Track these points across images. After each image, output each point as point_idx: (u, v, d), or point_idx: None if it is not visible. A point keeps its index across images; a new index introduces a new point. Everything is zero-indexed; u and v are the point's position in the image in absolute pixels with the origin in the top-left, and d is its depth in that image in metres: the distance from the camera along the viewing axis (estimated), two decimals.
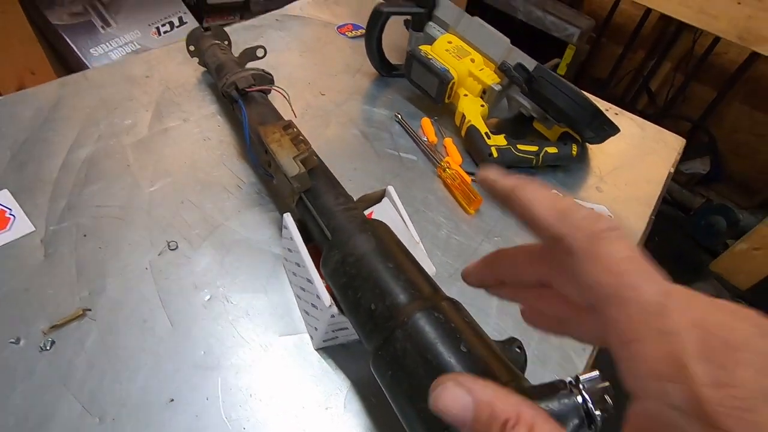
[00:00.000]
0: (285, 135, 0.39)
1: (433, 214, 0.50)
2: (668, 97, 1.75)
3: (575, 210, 0.16)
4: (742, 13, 1.06)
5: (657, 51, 1.71)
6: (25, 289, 0.37)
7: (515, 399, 0.14)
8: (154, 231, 0.43)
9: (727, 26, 1.10)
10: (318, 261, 0.36)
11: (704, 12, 1.13)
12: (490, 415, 0.14)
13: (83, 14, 1.07)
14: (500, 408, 0.14)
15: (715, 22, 1.11)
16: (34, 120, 0.53)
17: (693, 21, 1.15)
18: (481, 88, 0.59)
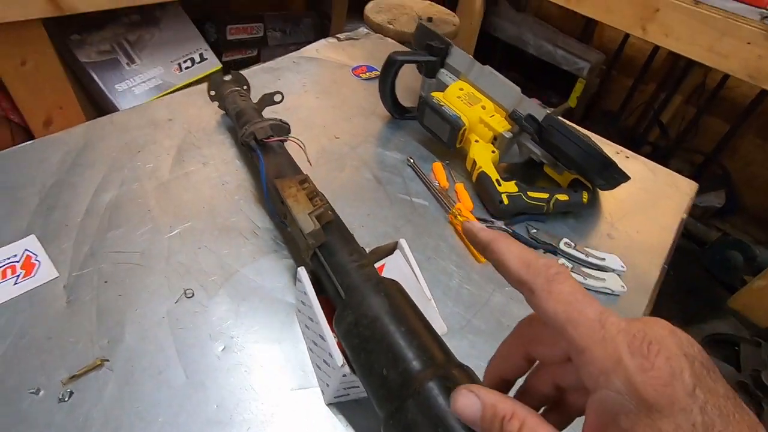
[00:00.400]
0: (301, 190, 0.40)
1: (445, 262, 0.50)
2: (680, 130, 1.75)
3: (536, 260, 0.21)
4: (753, 54, 1.07)
5: (668, 84, 1.72)
6: (47, 338, 0.38)
7: (513, 402, 0.19)
8: (171, 278, 0.44)
9: (737, 66, 1.11)
10: (330, 314, 0.37)
11: (714, 51, 1.14)
12: (493, 414, 0.19)
13: (110, 52, 1.12)
14: (500, 407, 0.19)
15: (725, 61, 1.12)
16: (62, 164, 0.55)
17: (703, 59, 1.16)
18: (492, 135, 0.60)
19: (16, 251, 0.45)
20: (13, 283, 0.42)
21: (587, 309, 0.18)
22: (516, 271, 0.21)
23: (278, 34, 1.63)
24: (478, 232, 0.24)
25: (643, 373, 0.16)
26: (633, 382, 0.16)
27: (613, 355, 0.17)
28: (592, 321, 0.18)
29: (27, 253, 0.45)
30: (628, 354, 0.16)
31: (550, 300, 0.19)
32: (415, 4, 1.24)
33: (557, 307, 0.19)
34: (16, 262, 0.44)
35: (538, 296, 0.19)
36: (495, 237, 0.22)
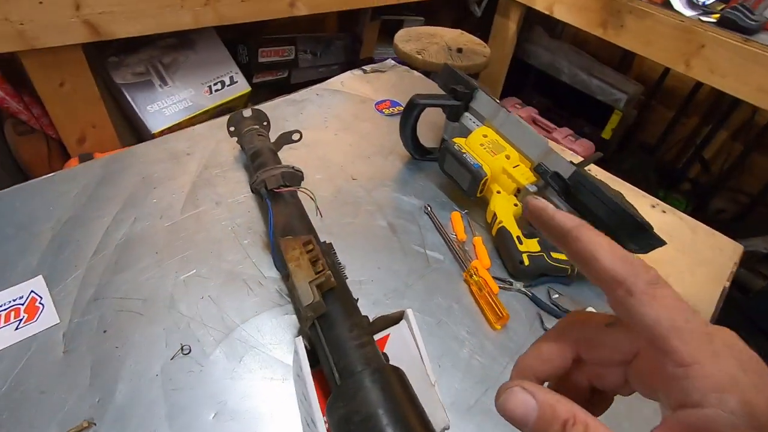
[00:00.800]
0: (304, 253, 0.38)
1: (457, 328, 0.47)
2: (724, 168, 1.65)
3: (633, 257, 0.18)
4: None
5: (712, 118, 1.63)
6: (40, 392, 0.38)
7: (571, 403, 0.17)
8: (170, 330, 0.43)
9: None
10: (326, 390, 0.34)
11: (763, 90, 1.07)
12: (552, 415, 0.17)
13: (145, 74, 1.16)
14: (561, 409, 0.17)
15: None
16: (79, 198, 0.55)
17: (752, 99, 1.09)
18: (515, 187, 0.57)
19: (22, 292, 0.44)
20: (14, 328, 0.42)
21: (693, 319, 0.17)
22: (611, 265, 0.18)
23: (309, 56, 1.64)
24: (554, 215, 0.20)
25: (757, 394, 0.15)
26: (749, 401, 0.15)
27: (729, 373, 0.16)
28: (700, 333, 0.16)
29: (33, 295, 0.44)
30: (742, 373, 0.16)
31: (653, 304, 0.17)
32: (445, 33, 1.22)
33: (661, 312, 0.17)
34: (20, 305, 0.43)
35: (638, 298, 0.17)
36: (580, 223, 0.19)
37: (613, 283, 0.18)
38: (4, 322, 0.42)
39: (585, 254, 0.19)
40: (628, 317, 0.18)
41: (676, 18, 1.17)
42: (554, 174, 0.51)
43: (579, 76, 1.69)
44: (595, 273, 0.18)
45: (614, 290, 0.18)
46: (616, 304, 0.18)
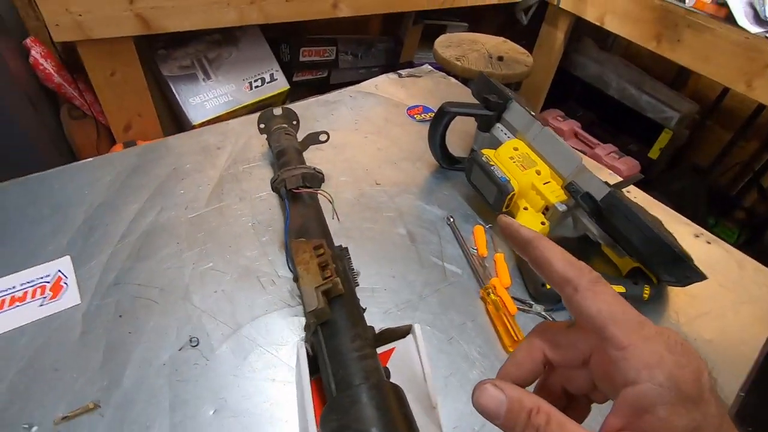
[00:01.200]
0: (314, 258, 0.38)
1: (468, 347, 0.45)
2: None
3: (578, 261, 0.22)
4: None
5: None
6: (54, 369, 0.39)
7: (537, 396, 0.20)
8: (182, 321, 0.44)
9: None
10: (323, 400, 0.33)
11: None
12: (519, 407, 0.19)
13: (190, 68, 1.20)
14: (527, 401, 0.19)
15: None
16: (112, 185, 0.58)
17: None
18: (543, 204, 0.54)
19: (49, 271, 0.46)
20: (38, 305, 0.43)
21: (629, 310, 0.20)
22: (561, 268, 0.21)
23: (350, 58, 1.66)
24: (519, 228, 0.24)
25: (680, 369, 0.18)
26: (674, 375, 0.18)
27: (656, 352, 0.18)
28: (634, 321, 0.19)
29: (59, 275, 0.46)
30: (667, 352, 0.18)
31: (595, 299, 0.20)
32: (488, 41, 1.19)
33: (601, 306, 0.20)
34: (46, 283, 0.45)
35: (582, 294, 0.20)
36: (538, 235, 0.23)
37: (563, 283, 0.21)
38: (30, 298, 0.44)
39: (542, 259, 0.22)
40: (577, 312, 0.21)
41: (740, 34, 1.09)
42: (585, 194, 0.48)
43: (628, 90, 1.61)
44: (550, 275, 0.22)
45: (564, 288, 0.21)
46: (567, 301, 0.21)
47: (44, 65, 1.15)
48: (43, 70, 1.15)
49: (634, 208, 0.47)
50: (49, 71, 1.16)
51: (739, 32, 1.09)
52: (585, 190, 0.49)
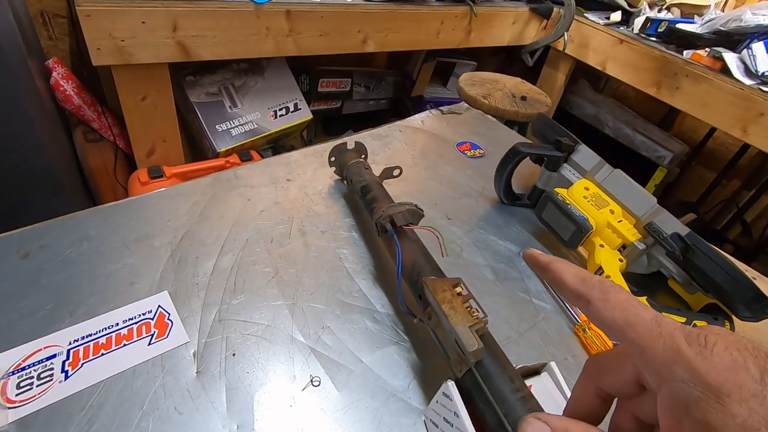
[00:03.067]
0: (456, 296, 0.38)
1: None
2: (765, 233, 1.65)
3: (591, 276, 0.23)
4: None
5: (755, 183, 1.65)
6: (179, 413, 0.37)
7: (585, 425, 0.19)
8: (297, 359, 0.43)
9: None
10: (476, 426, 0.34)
11: None
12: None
13: (217, 95, 1.20)
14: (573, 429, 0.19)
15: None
16: (191, 215, 0.56)
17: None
18: (620, 242, 0.57)
19: (150, 307, 0.45)
20: (147, 344, 0.42)
21: (643, 312, 0.19)
22: (572, 285, 0.22)
23: (362, 89, 1.70)
24: (538, 256, 0.26)
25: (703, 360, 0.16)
26: (694, 368, 0.16)
27: (672, 347, 0.17)
28: (649, 321, 0.19)
29: (161, 311, 0.45)
30: (686, 344, 0.17)
31: (607, 308, 0.20)
32: (507, 81, 1.26)
33: (614, 313, 0.20)
34: (150, 320, 0.44)
35: (595, 306, 0.21)
36: (554, 259, 0.25)
37: (576, 300, 0.22)
38: (137, 336, 0.42)
39: (558, 280, 0.24)
40: (598, 326, 0.21)
41: (735, 85, 1.20)
42: (674, 235, 0.52)
43: (623, 130, 1.72)
44: (566, 294, 0.23)
45: (580, 305, 0.22)
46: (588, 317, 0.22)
47: (65, 87, 1.12)
48: (63, 91, 1.12)
49: (715, 249, 0.51)
50: (69, 93, 1.13)
51: (734, 83, 1.20)
52: (670, 231, 0.52)
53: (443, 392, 0.36)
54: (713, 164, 1.74)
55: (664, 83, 1.35)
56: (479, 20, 1.43)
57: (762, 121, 1.16)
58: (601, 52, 1.51)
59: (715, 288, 0.51)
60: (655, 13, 1.54)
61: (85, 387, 0.37)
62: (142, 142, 1.10)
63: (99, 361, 0.39)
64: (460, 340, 0.35)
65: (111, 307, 0.44)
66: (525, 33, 1.62)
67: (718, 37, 1.31)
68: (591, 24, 1.53)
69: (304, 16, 1.09)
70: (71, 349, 0.40)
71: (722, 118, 1.24)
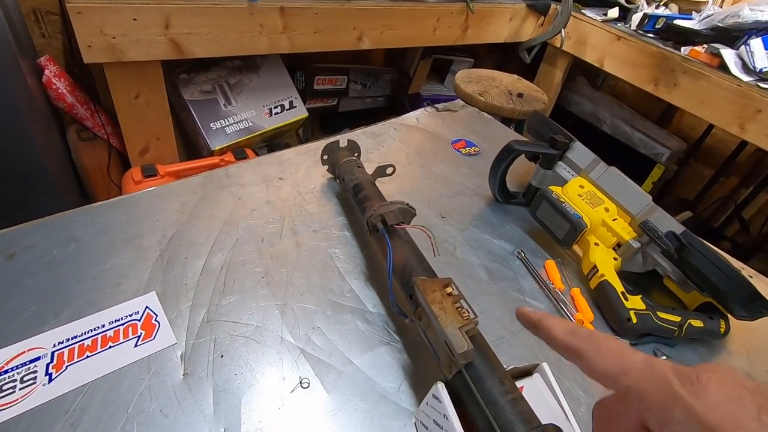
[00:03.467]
0: (446, 296, 0.38)
1: (570, 383, 0.46)
2: (762, 230, 1.65)
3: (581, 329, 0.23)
4: None
5: (753, 180, 1.64)
6: (164, 416, 0.37)
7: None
8: (286, 361, 0.42)
9: None
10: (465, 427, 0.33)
11: None
12: None
13: (211, 92, 1.19)
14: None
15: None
16: (181, 214, 0.56)
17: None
18: (615, 241, 0.56)
19: (137, 308, 0.44)
20: (133, 345, 0.41)
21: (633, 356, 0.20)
22: (563, 339, 0.23)
23: (359, 87, 1.69)
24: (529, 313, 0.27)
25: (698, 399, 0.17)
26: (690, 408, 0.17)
27: (666, 389, 0.18)
28: (641, 364, 0.19)
29: (148, 312, 0.44)
30: (679, 384, 0.17)
31: (599, 357, 0.21)
32: (504, 78, 1.25)
33: (607, 362, 0.20)
34: (137, 321, 0.43)
35: (587, 357, 0.21)
36: (544, 315, 0.25)
37: (569, 353, 0.23)
38: (123, 338, 0.41)
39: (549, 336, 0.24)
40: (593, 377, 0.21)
41: (733, 82, 1.19)
42: (669, 233, 0.51)
43: (621, 127, 1.71)
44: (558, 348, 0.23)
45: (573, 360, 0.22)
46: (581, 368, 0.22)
47: (57, 85, 1.11)
48: (55, 89, 1.11)
49: (711, 248, 0.50)
50: (62, 91, 1.12)
51: (732, 80, 1.20)
52: (665, 229, 0.52)
53: (433, 394, 0.36)
54: (711, 161, 1.74)
55: (661, 80, 1.34)
56: (476, 17, 1.42)
57: (760, 118, 1.15)
58: (598, 48, 1.50)
59: (710, 287, 0.51)
60: (652, 9, 1.53)
61: (69, 390, 0.37)
62: (135, 140, 1.09)
63: (84, 363, 0.39)
64: (449, 341, 0.34)
65: (97, 308, 0.43)
66: (522, 30, 1.61)
67: (716, 33, 1.30)
68: (588, 20, 1.52)
69: (299, 13, 1.08)
70: (55, 352, 0.39)
71: (720, 114, 1.23)
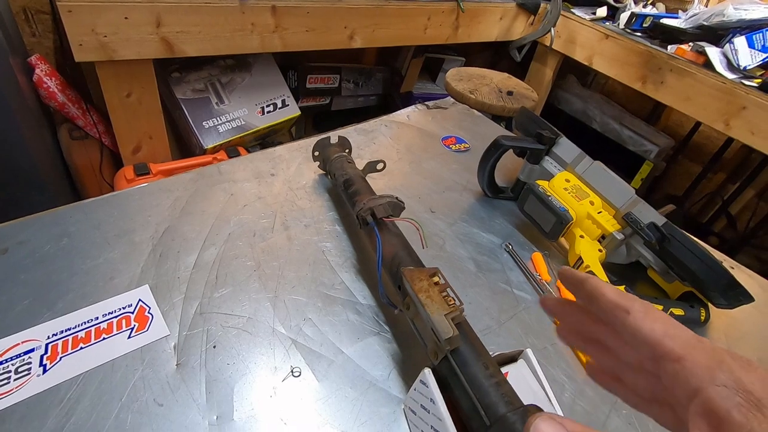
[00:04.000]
0: (433, 285, 0.39)
1: (555, 370, 0.47)
2: (749, 225, 1.68)
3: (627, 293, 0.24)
4: None
5: (739, 176, 1.67)
6: (158, 404, 0.37)
7: None
8: (277, 351, 0.43)
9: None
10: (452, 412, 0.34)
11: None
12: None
13: (203, 91, 1.19)
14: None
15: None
16: (173, 210, 0.56)
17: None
18: (600, 233, 0.58)
19: (130, 301, 0.45)
20: (126, 337, 0.42)
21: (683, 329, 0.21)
22: (613, 296, 0.24)
23: (351, 86, 1.70)
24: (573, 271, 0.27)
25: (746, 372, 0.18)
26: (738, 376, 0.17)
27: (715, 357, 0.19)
28: (690, 337, 0.20)
29: (141, 305, 0.45)
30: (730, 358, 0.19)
31: (647, 318, 0.22)
32: (494, 76, 1.27)
33: (654, 324, 0.21)
34: (130, 313, 0.44)
35: (636, 316, 0.22)
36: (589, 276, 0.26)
37: (616, 309, 0.23)
38: (116, 330, 0.42)
39: (597, 292, 0.25)
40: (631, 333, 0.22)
41: (718, 79, 1.21)
42: (651, 224, 0.53)
43: (611, 125, 1.74)
44: (603, 304, 0.24)
45: (618, 314, 0.23)
46: (621, 325, 0.23)
47: (48, 83, 1.11)
48: (46, 88, 1.11)
49: (691, 238, 0.52)
50: (53, 90, 1.12)
51: (716, 77, 1.22)
52: (647, 221, 0.53)
53: (420, 380, 0.37)
54: (699, 158, 1.77)
55: (649, 78, 1.36)
56: (466, 16, 1.43)
57: (744, 115, 1.17)
58: (587, 47, 1.52)
59: (690, 276, 0.52)
60: (640, 8, 1.55)
61: (64, 380, 0.37)
62: (127, 139, 1.09)
63: (78, 354, 0.39)
64: (435, 327, 0.35)
65: (90, 301, 0.44)
66: (512, 28, 1.63)
67: (702, 31, 1.32)
68: (577, 19, 1.54)
69: (290, 12, 1.09)
70: (50, 343, 0.39)
71: (705, 111, 1.25)
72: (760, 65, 1.20)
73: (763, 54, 1.19)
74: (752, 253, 1.70)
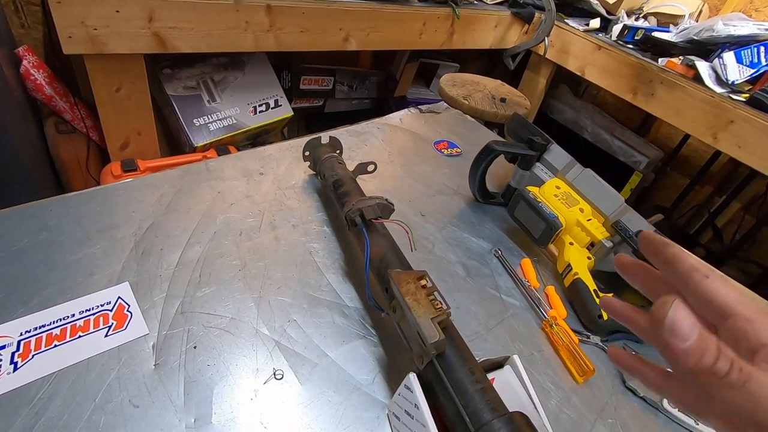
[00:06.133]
0: (420, 288, 0.38)
1: (541, 377, 0.47)
2: (735, 237, 1.70)
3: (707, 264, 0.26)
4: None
5: (726, 189, 1.70)
6: (134, 406, 0.36)
7: None
8: (260, 353, 0.42)
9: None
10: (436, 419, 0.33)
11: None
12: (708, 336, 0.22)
13: (195, 89, 1.18)
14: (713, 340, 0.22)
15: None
16: (158, 206, 0.55)
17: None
18: (589, 240, 0.58)
19: (109, 298, 0.43)
20: (104, 335, 0.40)
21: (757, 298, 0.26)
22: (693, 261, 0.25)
23: (345, 88, 1.69)
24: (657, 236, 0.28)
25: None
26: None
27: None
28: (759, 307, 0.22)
29: (120, 302, 0.43)
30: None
31: (726, 285, 0.23)
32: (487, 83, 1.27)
33: (731, 291, 0.23)
34: (108, 311, 0.42)
35: (713, 279, 0.23)
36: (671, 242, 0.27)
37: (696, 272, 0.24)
38: (93, 327, 0.41)
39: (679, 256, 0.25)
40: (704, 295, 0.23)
41: (707, 93, 1.23)
42: (639, 232, 0.52)
43: (601, 135, 1.75)
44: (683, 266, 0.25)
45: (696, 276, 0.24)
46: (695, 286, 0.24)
47: (35, 76, 1.09)
48: (33, 80, 1.09)
49: None
50: (40, 82, 1.09)
51: (706, 91, 1.24)
52: (636, 230, 0.53)
53: (405, 385, 0.36)
54: (687, 170, 1.79)
55: (640, 89, 1.38)
56: (461, 22, 1.44)
57: (731, 129, 1.19)
58: (580, 57, 1.53)
59: None
60: (632, 21, 1.57)
61: (35, 379, 0.36)
62: (115, 134, 1.08)
63: (51, 352, 0.38)
64: (421, 331, 0.35)
65: (67, 298, 0.42)
66: (507, 37, 1.64)
67: (692, 46, 1.34)
68: (571, 30, 1.56)
69: (285, 12, 1.08)
70: (22, 341, 0.38)
71: (694, 124, 1.27)
72: (747, 80, 1.23)
73: (751, 69, 1.21)
74: (737, 265, 1.72)
